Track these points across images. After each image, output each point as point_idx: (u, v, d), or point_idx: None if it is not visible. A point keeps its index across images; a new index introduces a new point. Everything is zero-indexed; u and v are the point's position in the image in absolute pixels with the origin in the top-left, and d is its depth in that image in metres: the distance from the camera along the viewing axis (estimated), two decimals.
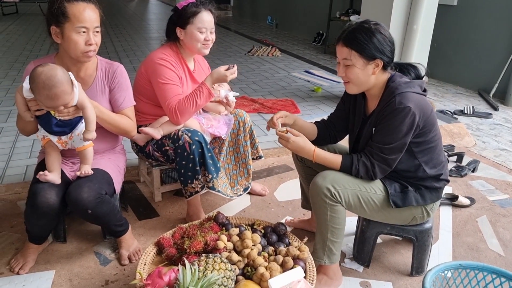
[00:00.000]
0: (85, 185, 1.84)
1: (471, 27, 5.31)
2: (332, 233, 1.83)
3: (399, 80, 1.76)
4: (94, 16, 1.87)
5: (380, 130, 1.75)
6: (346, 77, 1.78)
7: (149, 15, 14.05)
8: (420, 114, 1.70)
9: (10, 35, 8.50)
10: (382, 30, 1.72)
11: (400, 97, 1.69)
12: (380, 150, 1.75)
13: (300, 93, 4.95)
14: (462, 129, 3.94)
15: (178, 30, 2.26)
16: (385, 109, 1.73)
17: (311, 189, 1.82)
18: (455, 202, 2.65)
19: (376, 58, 1.71)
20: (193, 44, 2.26)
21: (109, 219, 1.97)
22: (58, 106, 1.72)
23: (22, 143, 3.30)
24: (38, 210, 1.80)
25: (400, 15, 3.93)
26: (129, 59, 6.54)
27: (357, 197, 1.79)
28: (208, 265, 1.53)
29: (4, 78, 5.20)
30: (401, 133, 1.70)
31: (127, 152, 2.40)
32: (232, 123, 2.49)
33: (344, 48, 1.73)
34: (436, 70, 5.77)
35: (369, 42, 1.68)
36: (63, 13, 1.81)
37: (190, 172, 2.22)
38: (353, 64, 1.72)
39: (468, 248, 2.27)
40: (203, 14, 2.23)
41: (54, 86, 1.66)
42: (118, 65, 2.09)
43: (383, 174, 1.79)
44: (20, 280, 1.96)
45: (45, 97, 1.68)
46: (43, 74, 1.66)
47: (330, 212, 1.79)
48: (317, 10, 8.52)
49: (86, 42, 1.84)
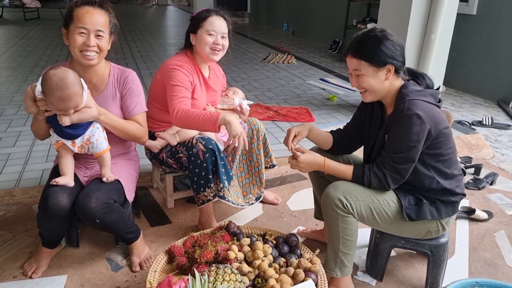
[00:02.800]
0: (93, 194, 1.85)
1: (490, 36, 5.23)
2: (344, 244, 1.81)
3: (412, 87, 1.74)
4: (98, 20, 1.90)
5: (390, 138, 1.74)
6: (360, 87, 1.78)
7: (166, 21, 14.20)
8: (431, 124, 1.67)
9: (31, 40, 8.69)
10: (389, 36, 1.72)
11: (409, 103, 1.67)
12: (391, 160, 1.72)
13: (315, 101, 4.93)
14: (480, 140, 3.86)
15: (191, 35, 2.30)
16: (394, 115, 1.71)
17: (323, 199, 1.81)
18: (472, 216, 2.59)
19: (386, 63, 1.70)
20: (202, 48, 2.26)
21: (118, 227, 1.98)
22: (69, 108, 1.76)
23: (39, 147, 3.35)
24: (49, 213, 1.82)
25: (417, 24, 3.88)
26: (146, 64, 6.61)
27: (369, 208, 1.76)
28: (218, 275, 1.52)
29: (24, 83, 5.29)
30: (410, 141, 1.66)
31: (140, 158, 2.41)
32: (246, 131, 2.48)
33: (353, 59, 1.74)
34: (454, 80, 5.68)
35: (377, 50, 1.69)
36: (70, 16, 1.90)
37: (203, 180, 2.22)
38: (363, 73, 1.72)
39: (485, 264, 2.21)
40: (214, 18, 2.25)
41: (67, 87, 1.71)
42: (130, 72, 2.11)
43: (396, 184, 1.77)
44: (33, 284, 1.98)
45: (58, 99, 1.72)
46: (55, 76, 1.71)
47: (342, 223, 1.77)
48: (334, 17, 8.50)
49: (84, 43, 1.88)
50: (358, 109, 2.05)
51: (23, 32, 9.74)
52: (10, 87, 5.08)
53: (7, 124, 3.85)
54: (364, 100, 1.85)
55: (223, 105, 2.48)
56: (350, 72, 1.80)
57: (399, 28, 3.88)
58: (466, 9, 5.36)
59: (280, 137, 3.76)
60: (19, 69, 6.03)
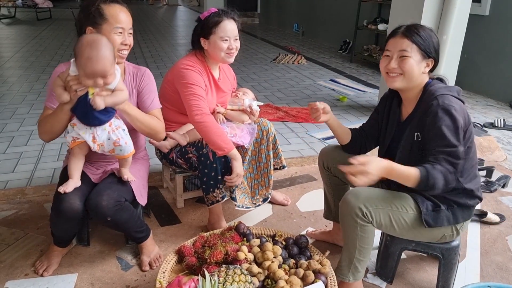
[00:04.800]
0: (105, 192, 1.86)
1: (503, 37, 5.16)
2: (360, 252, 1.79)
3: (438, 84, 1.76)
4: (129, 18, 1.93)
5: (433, 134, 1.65)
6: (398, 69, 1.74)
7: (177, 21, 14.26)
8: (464, 118, 1.67)
9: (43, 39, 8.78)
10: (436, 35, 1.78)
11: (442, 98, 1.67)
12: (447, 154, 1.61)
13: (325, 102, 4.88)
14: (492, 142, 3.81)
15: (202, 40, 2.28)
16: (429, 110, 1.67)
17: (342, 207, 1.78)
18: (484, 219, 2.56)
19: (431, 56, 1.74)
20: (216, 53, 2.27)
21: (128, 226, 1.99)
22: (97, 72, 1.66)
23: (51, 146, 3.38)
24: (63, 216, 1.83)
25: (429, 25, 3.81)
26: (156, 64, 6.64)
27: (388, 216, 1.74)
28: (228, 276, 1.52)
29: (36, 82, 5.35)
30: (456, 132, 1.62)
31: (150, 158, 2.42)
32: (256, 132, 2.48)
33: (404, 39, 1.72)
34: (466, 81, 5.63)
35: (429, 40, 1.73)
36: (100, 14, 1.86)
37: (212, 180, 2.23)
38: (411, 56, 1.72)
39: (497, 268, 2.19)
40: (226, 23, 2.23)
41: (97, 47, 1.65)
42: (145, 69, 2.13)
43: (453, 183, 1.64)
44: (44, 282, 2.00)
45: (86, 59, 1.64)
46: (89, 36, 1.72)
47: (360, 232, 1.75)
48: (344, 18, 8.46)
49: (122, 42, 1.90)
50: (375, 110, 2.05)
51: (36, 32, 9.85)
52: (23, 87, 5.14)
53: (19, 123, 3.90)
54: (390, 86, 1.80)
55: (233, 105, 2.48)
56: (387, 55, 1.77)
57: None
58: (479, 9, 5.30)
59: (290, 138, 3.75)
60: (31, 69, 6.10)
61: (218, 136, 2.16)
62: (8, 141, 3.49)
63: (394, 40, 1.76)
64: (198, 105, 2.18)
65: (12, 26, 11.11)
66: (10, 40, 8.66)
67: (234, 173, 2.23)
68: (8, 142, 3.48)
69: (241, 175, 2.26)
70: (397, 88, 1.82)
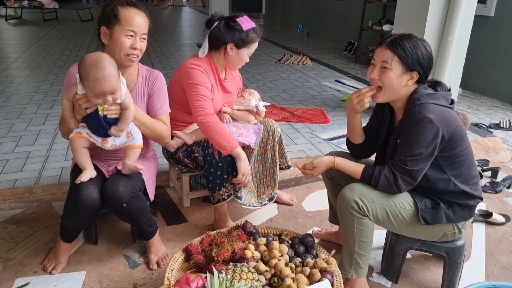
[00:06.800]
0: (121, 179, 1.91)
1: (508, 38, 5.16)
2: (359, 246, 1.81)
3: (422, 91, 1.74)
4: (143, 23, 1.95)
5: (402, 141, 1.74)
6: (378, 80, 1.75)
7: (182, 22, 14.31)
8: (444, 127, 1.67)
9: (49, 40, 8.84)
10: (427, 46, 1.74)
11: (420, 107, 1.67)
12: (402, 162, 1.72)
13: (330, 102, 4.92)
14: (498, 143, 3.82)
15: (230, 46, 2.29)
16: (406, 119, 1.72)
17: (339, 201, 1.81)
18: (489, 219, 2.57)
19: (414, 70, 1.71)
20: (236, 63, 2.37)
21: (141, 215, 2.00)
22: (106, 91, 1.72)
23: (58, 146, 3.42)
24: (81, 205, 1.85)
25: (434, 26, 3.85)
26: (162, 65, 6.68)
27: (385, 211, 1.77)
28: (235, 274, 1.54)
29: (43, 82, 5.40)
30: (422, 144, 1.67)
31: (157, 157, 2.44)
32: (261, 132, 2.50)
33: (387, 50, 1.71)
34: (471, 82, 5.62)
35: (413, 52, 1.69)
36: (115, 15, 1.89)
37: (218, 179, 2.25)
38: (391, 68, 1.71)
39: (502, 268, 2.20)
40: (256, 44, 2.34)
41: (101, 67, 1.70)
42: (158, 73, 2.15)
43: (407, 187, 1.76)
44: (53, 280, 2.02)
45: (93, 80, 1.69)
46: (90, 57, 1.74)
47: (357, 225, 1.78)
48: (349, 19, 8.47)
49: (131, 46, 1.91)
50: (374, 112, 2.06)
51: (42, 33, 9.92)
52: (30, 87, 5.18)
53: (27, 123, 3.93)
54: (374, 101, 1.84)
55: (239, 106, 2.50)
56: (373, 63, 1.78)
57: (416, 29, 3.85)
58: (484, 10, 5.30)
59: (295, 138, 3.77)
60: (38, 69, 6.15)
61: (220, 136, 2.19)
62: (16, 141, 3.52)
63: (379, 50, 1.76)
64: (202, 106, 2.21)
65: (18, 26, 11.19)
66: (16, 41, 8.73)
67: (240, 173, 2.25)
68: (16, 141, 3.52)
69: (248, 174, 2.28)
70: (380, 102, 1.85)
